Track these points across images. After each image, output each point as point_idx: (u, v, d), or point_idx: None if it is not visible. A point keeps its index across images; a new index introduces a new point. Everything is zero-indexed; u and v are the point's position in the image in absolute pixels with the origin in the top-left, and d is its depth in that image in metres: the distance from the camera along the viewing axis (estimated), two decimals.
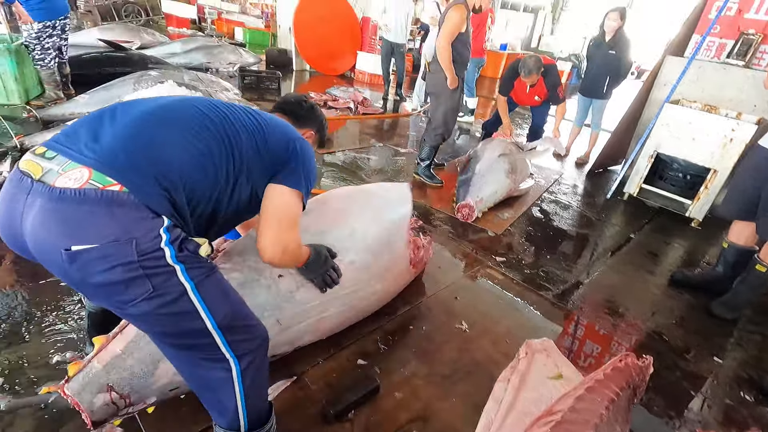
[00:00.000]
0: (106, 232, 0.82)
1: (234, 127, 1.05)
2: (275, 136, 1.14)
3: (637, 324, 2.24)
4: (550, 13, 13.44)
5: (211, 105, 1.08)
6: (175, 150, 0.94)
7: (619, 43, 4.10)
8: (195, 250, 0.94)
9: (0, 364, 1.49)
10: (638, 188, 3.68)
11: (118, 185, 0.83)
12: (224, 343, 0.98)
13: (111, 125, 0.93)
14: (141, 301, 0.86)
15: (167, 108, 1.01)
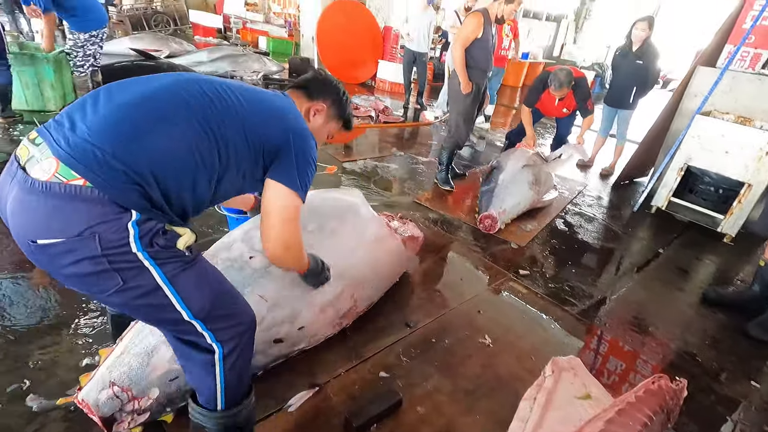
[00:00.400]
0: (70, 227, 0.81)
1: (221, 117, 0.99)
2: (269, 127, 1.08)
3: (667, 343, 2.17)
4: (572, 22, 13.29)
5: (201, 91, 1.00)
6: (150, 146, 0.89)
7: (647, 52, 4.02)
8: (169, 243, 0.92)
9: (33, 366, 1.53)
10: (667, 201, 3.58)
11: (81, 180, 0.82)
12: (206, 330, 0.99)
13: (92, 113, 0.89)
14: (114, 292, 0.88)
15: (151, 98, 0.94)
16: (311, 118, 1.31)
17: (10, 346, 1.59)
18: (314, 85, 1.32)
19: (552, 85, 3.48)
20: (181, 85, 1.00)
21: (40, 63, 3.84)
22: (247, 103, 1.05)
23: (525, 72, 10.43)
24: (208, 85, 1.03)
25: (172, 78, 1.03)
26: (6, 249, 2.13)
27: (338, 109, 1.36)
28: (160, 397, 1.33)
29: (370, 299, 1.97)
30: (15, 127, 3.64)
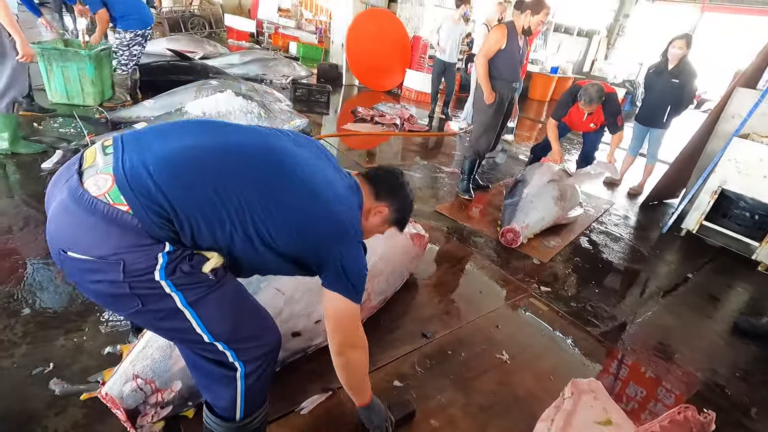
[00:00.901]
0: (99, 248, 0.83)
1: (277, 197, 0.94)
2: (320, 230, 1.01)
3: (694, 373, 2.07)
4: (605, 38, 13.10)
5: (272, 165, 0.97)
6: (196, 196, 0.88)
7: (684, 71, 3.91)
8: (194, 269, 0.90)
9: (58, 351, 1.57)
10: (698, 225, 3.45)
11: (126, 206, 0.83)
12: (228, 350, 0.98)
13: (159, 144, 0.91)
14: (132, 313, 0.89)
15: (222, 150, 0.94)
16: (369, 218, 1.22)
17: (38, 329, 1.65)
18: (385, 186, 1.24)
19: (582, 99, 3.41)
20: (250, 149, 0.98)
21: (82, 60, 4.00)
22: (311, 199, 1.00)
23: (553, 87, 10.31)
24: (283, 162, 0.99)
25: (256, 139, 1.02)
26: (40, 236, 2.21)
27: (398, 215, 1.28)
28: (182, 390, 1.34)
29: (383, 293, 1.96)
30: (43, 121, 3.80)
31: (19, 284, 1.86)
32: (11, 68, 2.75)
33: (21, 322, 1.67)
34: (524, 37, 3.27)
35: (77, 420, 1.34)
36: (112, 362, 1.51)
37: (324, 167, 1.09)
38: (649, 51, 12.22)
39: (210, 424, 1.11)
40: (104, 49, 4.29)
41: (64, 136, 3.47)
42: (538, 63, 10.11)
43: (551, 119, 3.76)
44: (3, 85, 2.77)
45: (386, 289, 1.98)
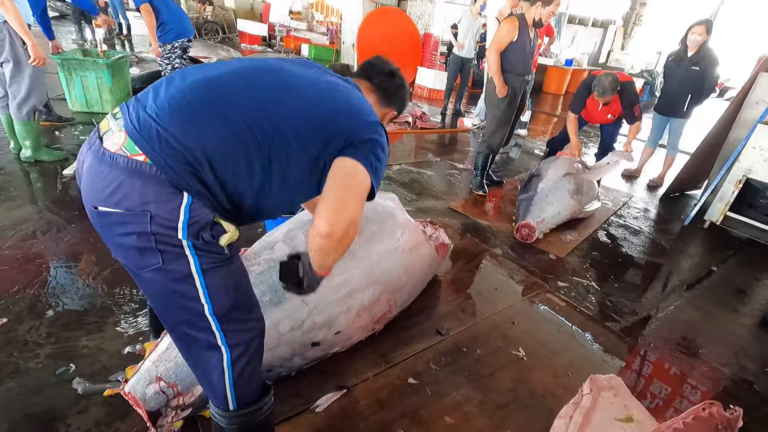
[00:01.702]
0: (127, 200, 0.85)
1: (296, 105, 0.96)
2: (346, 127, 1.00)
3: (719, 368, 2.00)
4: (620, 28, 12.79)
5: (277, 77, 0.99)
6: (206, 128, 0.89)
7: (704, 58, 3.78)
8: (213, 238, 0.92)
9: (80, 351, 1.61)
10: (722, 216, 3.34)
11: (143, 155, 0.85)
12: (219, 330, 0.99)
13: (164, 93, 0.92)
14: (150, 270, 0.91)
15: (215, 81, 0.96)
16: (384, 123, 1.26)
17: (61, 330, 1.70)
18: (394, 91, 1.26)
19: (595, 90, 3.34)
20: (251, 70, 1.00)
21: (100, 69, 4.12)
22: (323, 93, 1.02)
23: (568, 79, 10.12)
24: (283, 74, 1.01)
25: (248, 63, 1.04)
26: (63, 240, 2.28)
27: (400, 112, 1.33)
28: (203, 395, 1.35)
29: (403, 305, 1.96)
30: (63, 129, 3.91)
31: (43, 287, 1.92)
32: (29, 76, 2.83)
33: (45, 324, 1.72)
34: (535, 30, 3.22)
35: (99, 418, 1.38)
36: (132, 361, 1.55)
37: (326, 77, 1.08)
38: (667, 39, 11.91)
39: (214, 416, 1.12)
40: (121, 57, 4.40)
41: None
42: (551, 56, 9.93)
43: (570, 113, 3.68)
44: (23, 93, 2.86)
45: (407, 301, 1.97)
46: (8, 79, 2.82)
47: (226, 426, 1.10)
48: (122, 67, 4.47)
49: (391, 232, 1.87)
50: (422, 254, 1.98)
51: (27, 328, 1.69)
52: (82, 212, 2.58)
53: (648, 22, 12.91)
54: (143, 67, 6.74)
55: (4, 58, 2.74)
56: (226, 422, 1.10)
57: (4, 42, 2.69)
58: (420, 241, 1.97)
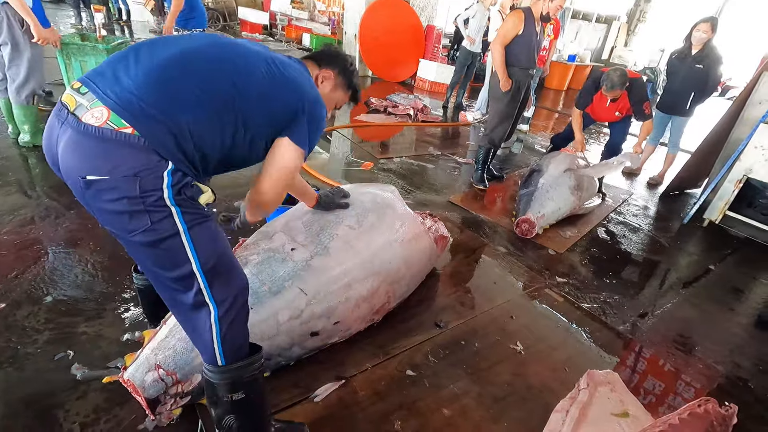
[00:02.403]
0: (117, 167, 0.92)
1: (247, 80, 1.09)
2: (286, 94, 1.17)
3: (715, 366, 2.02)
4: (624, 24, 12.72)
5: (230, 55, 1.11)
6: (185, 101, 0.99)
7: (708, 56, 3.75)
8: (194, 195, 1.03)
9: (79, 337, 1.61)
10: (721, 215, 3.35)
11: (130, 128, 0.92)
12: (206, 287, 1.05)
13: (135, 67, 0.99)
14: (140, 232, 0.97)
15: (185, 57, 1.05)
16: (319, 85, 1.36)
17: (59, 317, 1.69)
18: (324, 56, 1.40)
19: (604, 85, 3.28)
20: (218, 48, 1.11)
21: (99, 54, 4.02)
22: (270, 74, 1.14)
23: (570, 75, 10.08)
24: (240, 51, 1.13)
25: (210, 40, 1.14)
26: (61, 226, 2.27)
27: (345, 77, 1.41)
28: (202, 383, 1.35)
29: (402, 297, 1.96)
30: None
31: (41, 273, 1.91)
32: (27, 60, 2.80)
33: (43, 310, 1.71)
34: (542, 24, 3.19)
35: (98, 404, 1.38)
36: (131, 349, 1.54)
37: (274, 55, 1.21)
38: (671, 37, 11.86)
39: (205, 373, 1.15)
40: (121, 43, 4.31)
41: None
42: (555, 51, 9.87)
43: (575, 108, 3.62)
44: (22, 77, 2.83)
45: (405, 293, 1.97)
46: (7, 62, 2.79)
47: (216, 382, 1.13)
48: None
49: (391, 224, 1.86)
50: (421, 246, 1.98)
51: (25, 313, 1.68)
52: None
53: (652, 19, 12.85)
54: None
55: (2, 40, 2.71)
56: (216, 378, 1.13)
57: (2, 24, 2.66)
58: (419, 232, 1.97)
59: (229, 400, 1.15)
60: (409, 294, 2.02)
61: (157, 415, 1.32)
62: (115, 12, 9.64)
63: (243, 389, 1.16)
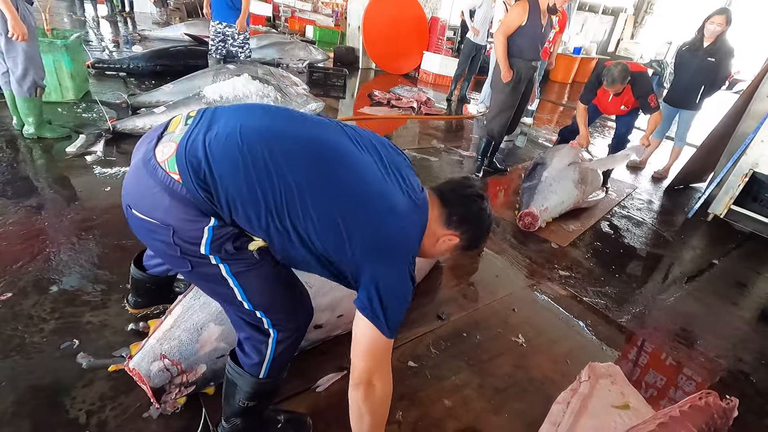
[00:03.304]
0: (156, 211, 0.89)
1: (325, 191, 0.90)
2: (355, 246, 0.92)
3: (717, 359, 2.02)
4: (631, 16, 12.56)
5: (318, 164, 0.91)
6: (244, 184, 0.88)
7: (721, 50, 3.68)
8: (240, 246, 0.92)
9: (84, 327, 1.63)
10: (726, 209, 3.33)
11: (178, 175, 0.87)
12: (265, 318, 1.04)
13: (225, 124, 0.92)
14: (185, 273, 0.99)
15: (276, 139, 0.91)
16: (436, 245, 1.09)
17: (65, 306, 1.71)
18: (461, 211, 1.07)
19: (604, 80, 3.25)
20: (316, 146, 0.94)
21: (58, 51, 3.49)
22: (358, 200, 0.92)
23: (576, 68, 9.99)
24: (337, 160, 0.93)
25: (313, 132, 0.97)
26: (66, 217, 2.28)
27: (469, 244, 1.12)
28: (206, 373, 1.38)
29: None
30: (66, 106, 3.88)
31: (47, 263, 1.93)
32: (23, 51, 2.76)
33: (49, 299, 1.73)
34: (548, 16, 3.15)
35: (104, 392, 1.40)
36: (136, 338, 1.56)
37: (385, 176, 0.99)
38: (678, 29, 11.70)
39: (232, 374, 1.14)
40: (77, 36, 3.88)
41: (87, 120, 3.55)
42: (560, 43, 9.78)
43: (579, 103, 3.60)
44: (21, 69, 2.81)
45: None
46: (4, 53, 2.78)
47: (245, 387, 1.13)
48: (78, 49, 3.88)
49: None
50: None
51: (31, 302, 1.70)
52: (85, 190, 2.58)
53: (659, 11, 12.67)
54: (146, 45, 6.66)
55: None
56: (248, 385, 1.13)
57: None
58: None
59: (245, 406, 1.16)
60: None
61: (162, 404, 1.34)
62: (119, 3, 9.62)
63: (259, 399, 1.17)
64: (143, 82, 4.90)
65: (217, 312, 1.42)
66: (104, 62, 5.00)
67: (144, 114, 3.49)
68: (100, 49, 6.16)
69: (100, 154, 3.00)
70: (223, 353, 1.38)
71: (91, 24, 7.91)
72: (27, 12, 2.74)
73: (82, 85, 4.07)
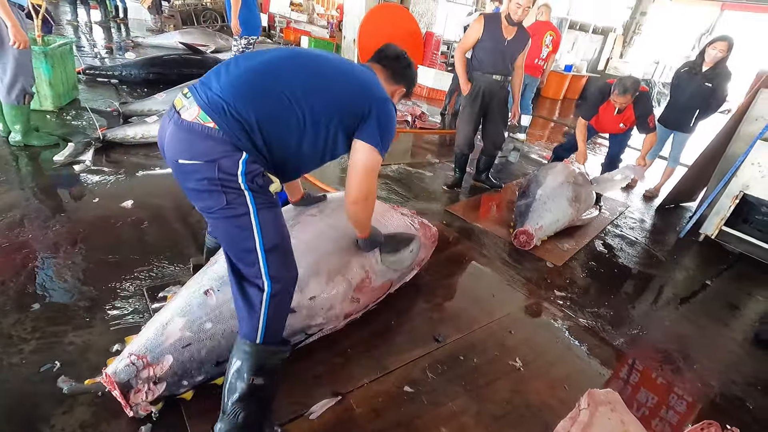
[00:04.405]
0: (201, 155, 1.14)
1: (316, 81, 1.27)
2: (356, 93, 1.33)
3: (714, 385, 2.01)
4: (620, 36, 12.84)
5: (304, 64, 1.29)
6: (260, 102, 1.18)
7: (719, 75, 3.73)
8: (264, 184, 1.22)
9: (66, 348, 1.56)
10: (717, 230, 3.36)
11: (212, 123, 1.13)
12: (264, 264, 1.22)
13: (225, 75, 1.21)
14: (217, 209, 1.18)
15: (262, 66, 1.24)
16: (393, 96, 1.55)
17: (47, 325, 1.63)
18: (400, 70, 1.55)
19: (616, 89, 3.23)
20: (293, 58, 1.30)
21: (36, 58, 3.34)
22: (341, 75, 1.33)
23: (567, 85, 10.15)
24: (312, 60, 1.32)
25: (287, 52, 1.32)
26: (51, 229, 2.21)
27: (410, 90, 1.64)
28: (174, 366, 1.35)
29: (383, 275, 1.91)
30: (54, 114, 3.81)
31: (29, 278, 1.85)
32: (13, 58, 2.70)
33: (30, 318, 1.65)
34: (516, 30, 3.13)
35: (85, 419, 1.33)
36: None
37: (347, 63, 1.40)
38: (666, 49, 11.98)
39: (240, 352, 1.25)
40: (64, 44, 3.78)
41: (77, 129, 3.48)
42: (552, 62, 9.95)
43: (581, 119, 3.60)
44: (10, 76, 2.75)
45: (386, 270, 1.92)
46: None
47: (247, 359, 1.24)
48: (65, 56, 3.80)
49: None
50: (393, 223, 2.07)
51: (12, 321, 1.62)
52: (72, 200, 2.50)
53: (647, 31, 12.98)
54: (139, 52, 6.60)
55: None
56: (249, 356, 1.24)
57: None
58: (386, 210, 2.12)
59: (251, 383, 1.23)
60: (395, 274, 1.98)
61: (133, 406, 1.28)
62: (112, 9, 9.55)
63: (264, 376, 1.26)
64: (135, 89, 4.83)
65: (181, 306, 1.45)
66: (96, 69, 4.93)
67: (135, 123, 3.43)
68: (92, 55, 6.09)
69: (89, 163, 2.93)
70: (189, 342, 1.38)
71: (83, 29, 7.83)
72: (21, 18, 2.68)
73: (68, 93, 3.98)
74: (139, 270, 2.01)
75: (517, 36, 3.16)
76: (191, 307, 1.45)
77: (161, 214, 2.51)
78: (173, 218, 2.50)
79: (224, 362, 1.39)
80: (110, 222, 2.35)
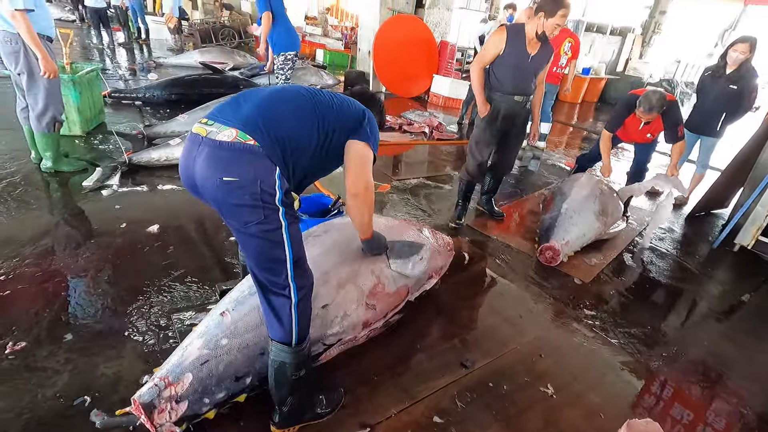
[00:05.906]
0: (245, 171, 1.20)
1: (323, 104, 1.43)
2: (350, 110, 1.51)
3: (762, 411, 1.90)
4: (639, 36, 12.58)
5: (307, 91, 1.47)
6: (285, 120, 1.32)
7: (744, 77, 3.60)
8: (291, 201, 1.31)
9: (98, 380, 1.58)
10: (754, 240, 3.21)
11: (252, 141, 1.22)
12: (292, 274, 1.32)
13: (245, 104, 1.33)
14: (254, 224, 1.25)
15: (280, 93, 1.40)
16: None
17: (79, 356, 1.66)
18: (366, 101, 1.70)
19: (641, 107, 3.11)
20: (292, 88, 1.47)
21: (65, 85, 3.46)
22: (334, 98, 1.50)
23: (585, 88, 9.98)
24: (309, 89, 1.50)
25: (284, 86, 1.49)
26: (82, 257, 2.26)
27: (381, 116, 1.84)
28: (194, 383, 1.38)
29: (396, 280, 1.89)
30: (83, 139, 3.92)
31: (62, 308, 1.89)
32: (44, 88, 2.80)
33: (63, 349, 1.69)
34: (541, 44, 2.73)
35: None
36: None
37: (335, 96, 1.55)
38: (687, 48, 11.68)
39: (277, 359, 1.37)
40: (91, 71, 3.95)
41: (104, 153, 3.57)
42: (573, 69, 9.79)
43: (605, 131, 3.47)
44: (41, 106, 2.85)
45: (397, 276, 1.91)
46: (25, 90, 2.82)
47: (289, 361, 1.36)
48: (92, 82, 3.94)
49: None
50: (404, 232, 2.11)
51: (45, 353, 1.66)
52: (100, 227, 2.56)
53: (667, 30, 12.68)
54: (161, 72, 6.79)
55: (20, 69, 2.74)
56: (289, 357, 1.36)
57: (19, 54, 2.68)
58: (397, 223, 2.16)
59: (297, 377, 1.38)
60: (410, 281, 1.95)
61: (158, 428, 1.30)
62: (134, 31, 9.87)
63: (304, 367, 1.40)
64: (158, 111, 4.95)
65: (201, 329, 1.51)
66: (120, 92, 5.09)
67: (160, 146, 3.50)
68: (116, 77, 6.28)
69: (116, 187, 3.00)
70: (207, 359, 1.42)
71: (107, 52, 8.10)
72: (49, 48, 2.78)
73: (95, 117, 4.11)
74: (167, 295, 2.04)
75: (541, 50, 2.77)
76: (209, 328, 1.51)
77: (187, 237, 2.55)
78: (199, 242, 2.53)
79: (243, 377, 1.46)
80: (137, 247, 2.39)
